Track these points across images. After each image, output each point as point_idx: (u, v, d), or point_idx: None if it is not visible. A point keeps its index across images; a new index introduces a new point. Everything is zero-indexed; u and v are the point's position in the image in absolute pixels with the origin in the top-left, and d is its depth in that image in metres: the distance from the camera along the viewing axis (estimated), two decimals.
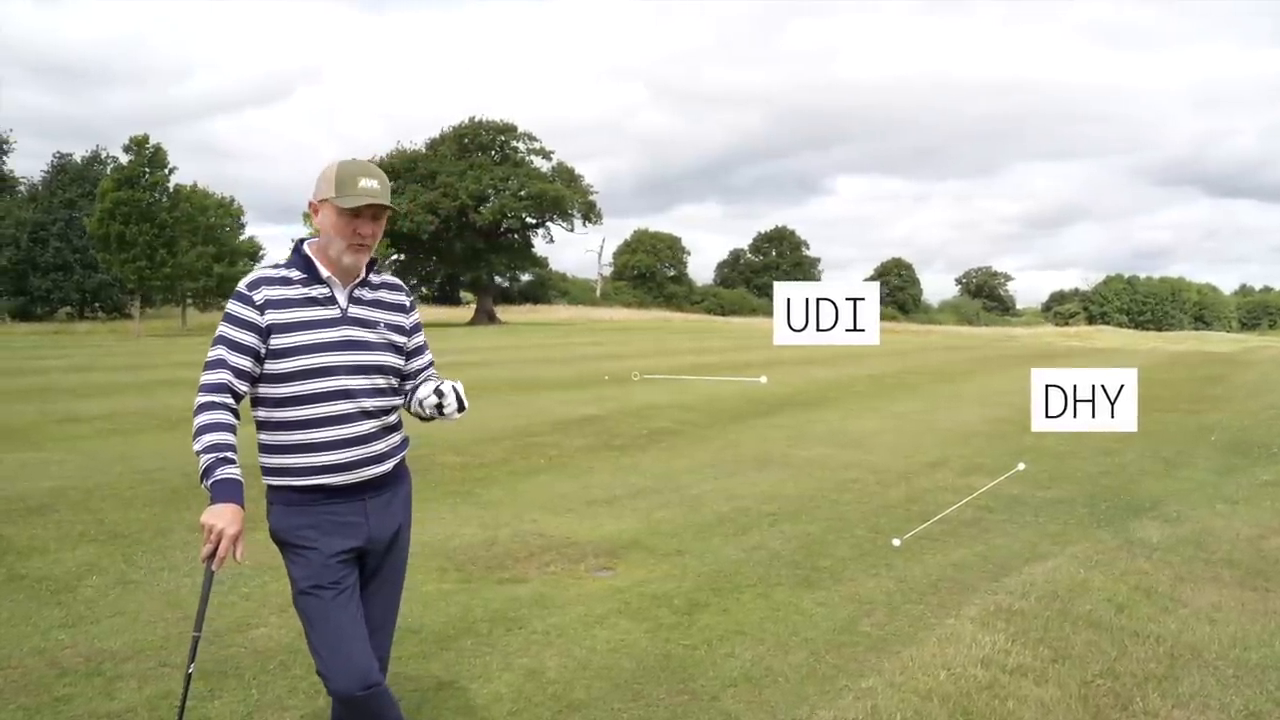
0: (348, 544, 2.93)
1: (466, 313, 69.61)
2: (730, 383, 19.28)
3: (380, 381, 2.99)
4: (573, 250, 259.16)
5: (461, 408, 3.08)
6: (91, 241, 44.16)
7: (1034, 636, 4.75)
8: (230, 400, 2.83)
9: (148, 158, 42.83)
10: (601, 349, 32.79)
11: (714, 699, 4.08)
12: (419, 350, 3.19)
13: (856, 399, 16.53)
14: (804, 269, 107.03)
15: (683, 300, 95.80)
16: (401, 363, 3.09)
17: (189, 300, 55.74)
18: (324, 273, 2.92)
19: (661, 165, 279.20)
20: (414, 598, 5.40)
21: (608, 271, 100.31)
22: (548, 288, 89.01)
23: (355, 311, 2.97)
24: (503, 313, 70.44)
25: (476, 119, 68.36)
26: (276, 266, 2.96)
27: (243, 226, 69.43)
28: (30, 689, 4.20)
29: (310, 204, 2.97)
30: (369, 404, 2.94)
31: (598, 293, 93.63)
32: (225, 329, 2.86)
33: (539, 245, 73.39)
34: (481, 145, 67.89)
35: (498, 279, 75.39)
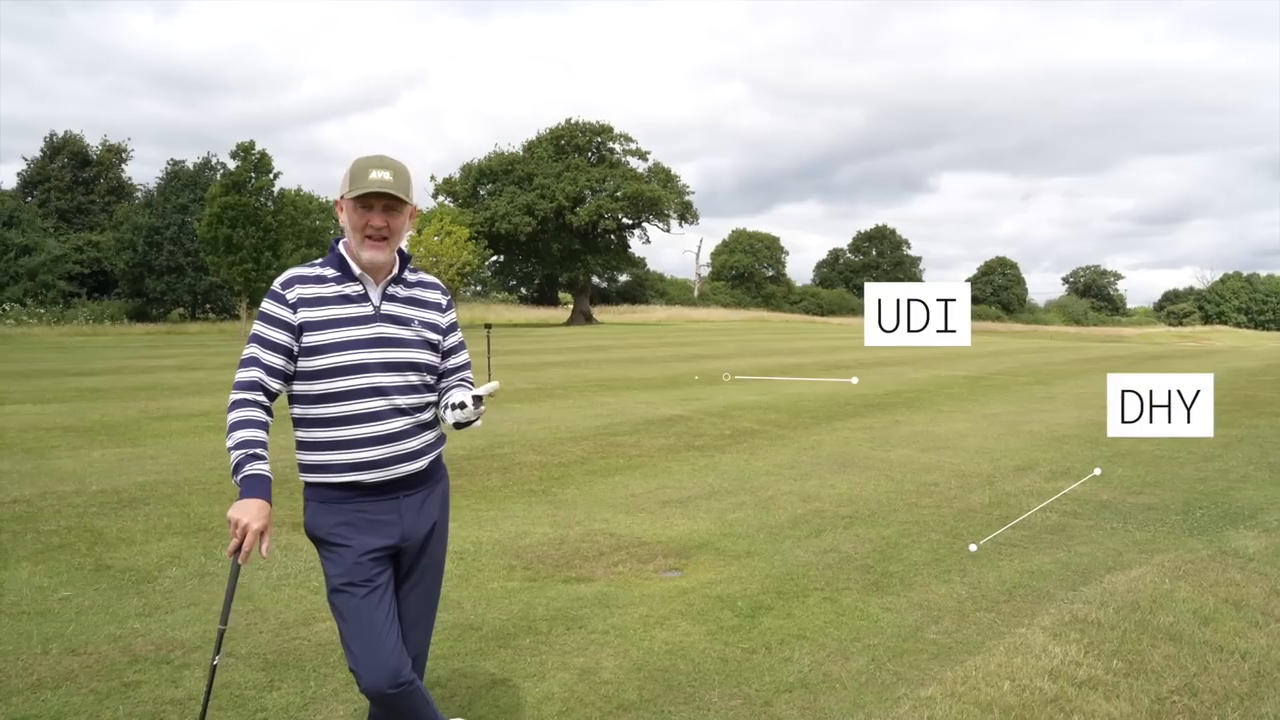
0: (381, 542, 2.95)
1: (564, 313, 70.23)
2: (820, 384, 19.05)
3: (414, 379, 2.99)
4: (671, 251, 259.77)
5: (478, 406, 2.95)
6: (201, 245, 45.79)
7: (1108, 649, 4.54)
8: (263, 398, 2.87)
9: (253, 163, 44.23)
10: (694, 349, 32.71)
11: (767, 704, 4.00)
12: (454, 350, 3.17)
13: (947, 400, 16.16)
14: (905, 268, 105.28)
15: (781, 300, 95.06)
16: (436, 360, 3.08)
17: None
18: (356, 270, 2.94)
19: (762, 164, 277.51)
20: (479, 595, 5.45)
21: (705, 272, 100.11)
22: (645, 288, 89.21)
23: (389, 309, 2.97)
24: (600, 313, 70.88)
25: (573, 120, 68.97)
26: (312, 265, 3.00)
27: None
28: (102, 674, 4.34)
29: (336, 203, 3.01)
30: (402, 401, 2.95)
31: (695, 293, 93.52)
32: (259, 327, 2.90)
33: (635, 246, 73.90)
34: (578, 146, 68.46)
35: (595, 279, 75.91)
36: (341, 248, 2.99)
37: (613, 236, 69.78)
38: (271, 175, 45.31)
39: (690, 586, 5.61)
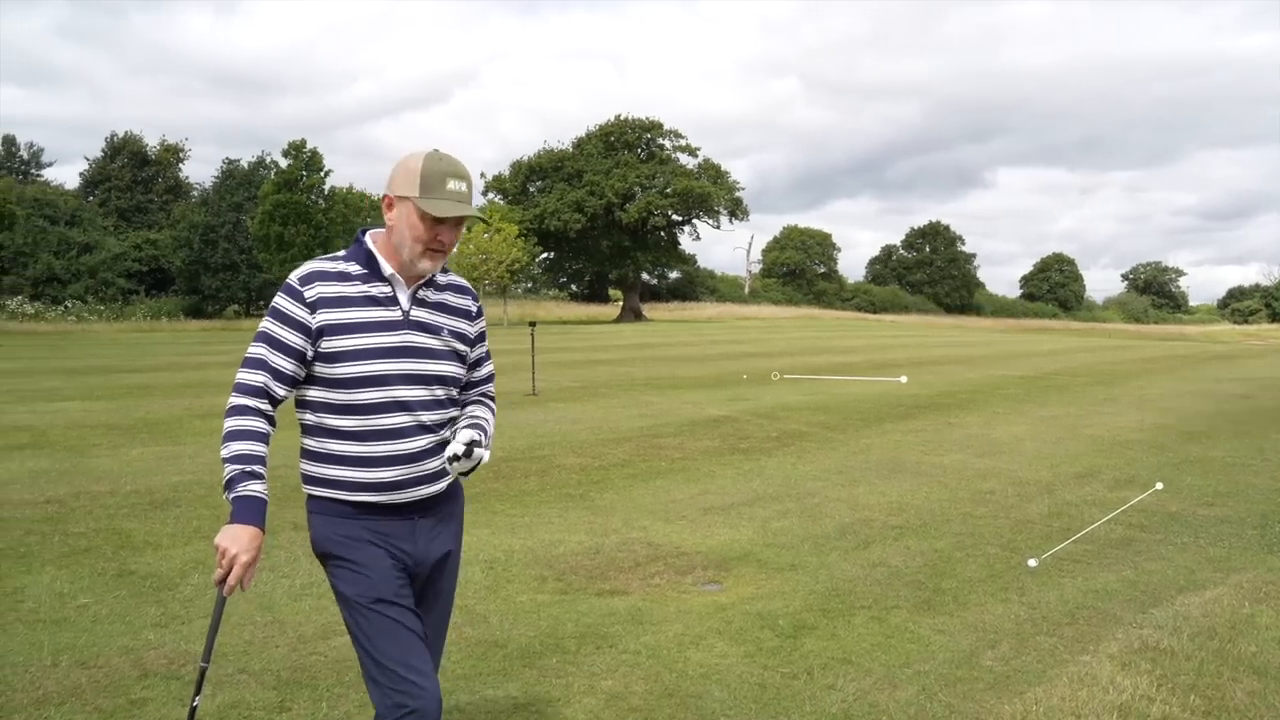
0: (400, 559, 2.67)
1: (614, 310, 70.10)
2: (869, 383, 18.62)
3: (440, 393, 2.71)
4: (722, 248, 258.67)
5: (470, 456, 2.65)
6: (254, 242, 46.26)
7: (1184, 682, 4.17)
8: (266, 405, 2.58)
9: (305, 161, 44.62)
10: (743, 347, 32.33)
11: None
12: (480, 361, 2.92)
13: (1002, 401, 15.66)
14: (959, 265, 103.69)
15: (833, 297, 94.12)
16: (463, 373, 2.81)
17: None
18: (387, 269, 2.63)
19: (815, 160, 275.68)
20: (507, 609, 5.20)
21: (756, 269, 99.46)
22: (696, 285, 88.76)
23: (418, 314, 2.67)
24: (650, 310, 70.66)
25: (622, 117, 68.78)
26: (334, 258, 2.67)
27: None
28: (110, 689, 4.15)
29: (385, 197, 2.65)
30: (426, 418, 2.67)
31: (746, 290, 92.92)
32: (270, 326, 2.58)
33: (685, 242, 73.55)
34: (627, 143, 68.30)
35: (645, 276, 75.70)
36: (370, 242, 2.66)
37: (662, 233, 69.53)
38: (322, 173, 45.71)
39: (729, 602, 5.32)
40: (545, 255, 70.46)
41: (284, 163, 45.08)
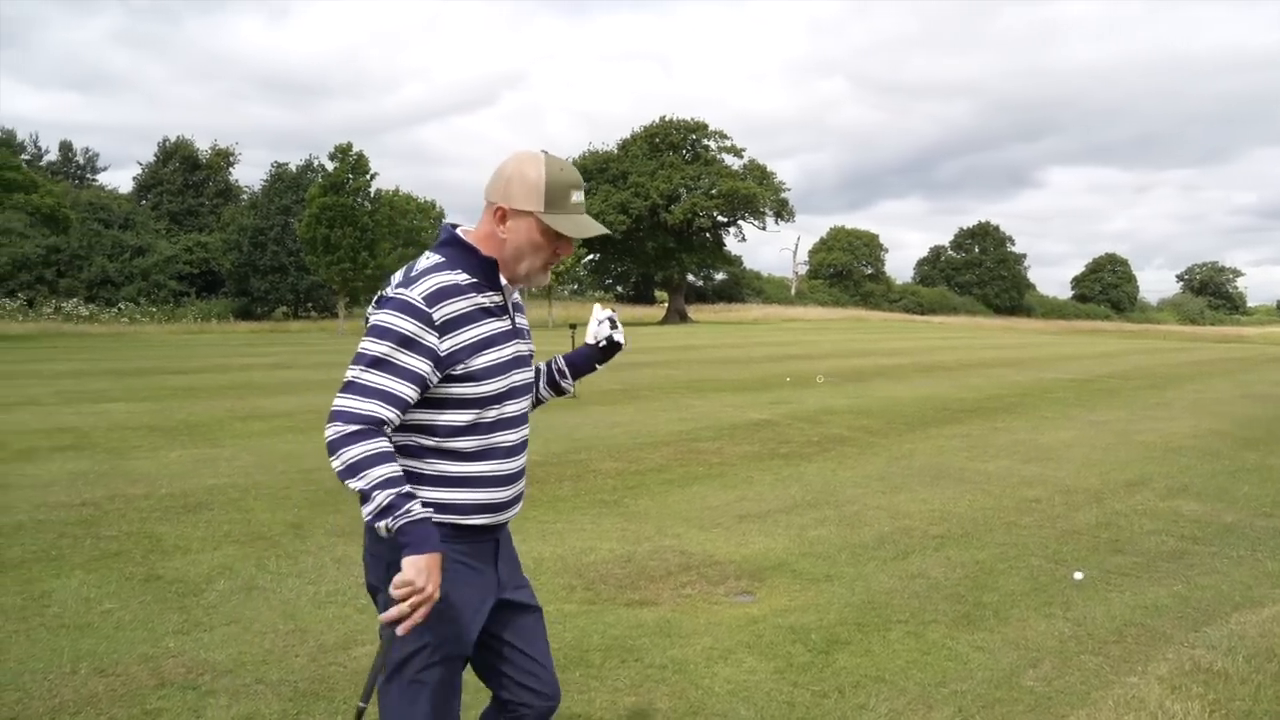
0: (486, 604, 2.52)
1: (660, 312, 69.97)
2: (906, 387, 18.29)
3: (528, 405, 2.60)
4: (769, 249, 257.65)
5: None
6: (301, 245, 46.73)
7: (1239, 708, 3.94)
8: (388, 435, 2.31)
9: (351, 164, 44.95)
10: (788, 349, 32.04)
11: None
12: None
13: (1051, 405, 15.30)
14: (1009, 265, 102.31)
15: (880, 299, 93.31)
16: None
17: None
18: (502, 279, 2.45)
19: (863, 160, 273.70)
20: None
21: (803, 270, 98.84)
22: (742, 286, 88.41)
23: (519, 321, 2.56)
24: (696, 312, 70.41)
25: (667, 118, 68.63)
26: (443, 269, 2.38)
27: None
28: (126, 699, 4.09)
29: (499, 209, 2.42)
30: (527, 432, 2.57)
31: (792, 291, 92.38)
32: (391, 350, 2.28)
33: (731, 244, 73.28)
34: (672, 144, 68.12)
35: (690, 278, 75.47)
36: (479, 245, 2.44)
37: (708, 234, 69.25)
38: (368, 176, 46.01)
39: (761, 614, 5.16)
40: (590, 257, 70.47)
41: (330, 166, 45.50)
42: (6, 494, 8.04)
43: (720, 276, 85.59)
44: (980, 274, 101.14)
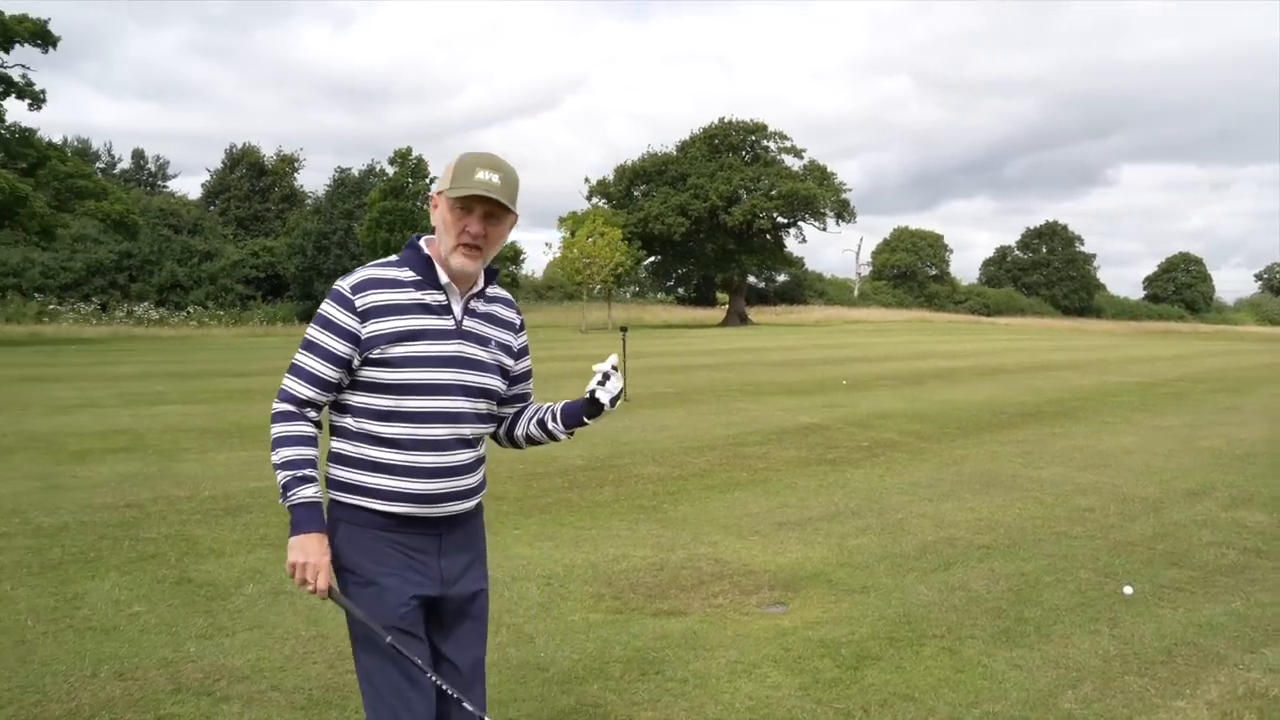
0: (420, 590, 2.59)
1: (720, 314, 69.70)
2: (965, 390, 17.88)
3: (483, 407, 2.66)
4: (832, 250, 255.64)
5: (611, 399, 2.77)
6: (363, 249, 47.32)
7: None
8: (313, 413, 2.55)
9: (410, 169, 45.44)
10: (848, 351, 31.67)
11: None
12: (524, 376, 2.86)
13: (1114, 410, 14.84)
14: (1077, 265, 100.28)
15: (945, 300, 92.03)
16: (504, 388, 2.75)
17: None
18: (443, 278, 2.56)
19: (928, 159, 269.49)
20: (556, 628, 4.98)
21: (866, 271, 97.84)
22: (804, 288, 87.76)
23: (469, 325, 2.62)
24: (756, 314, 70.03)
25: (726, 119, 68.36)
26: (387, 264, 2.60)
27: None
28: (141, 704, 4.07)
29: (431, 198, 2.64)
30: (469, 431, 2.62)
31: (855, 293, 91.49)
32: (317, 334, 2.51)
33: (792, 245, 72.66)
34: (731, 146, 67.83)
35: (751, 279, 75.08)
36: (426, 248, 2.61)
37: (768, 236, 68.79)
38: (428, 180, 46.45)
39: (791, 626, 5.00)
40: (651, 259, 70.44)
41: (390, 171, 46.04)
42: (56, 495, 8.15)
43: (782, 278, 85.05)
44: (1048, 274, 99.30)
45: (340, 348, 2.49)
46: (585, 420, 2.79)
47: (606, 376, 2.75)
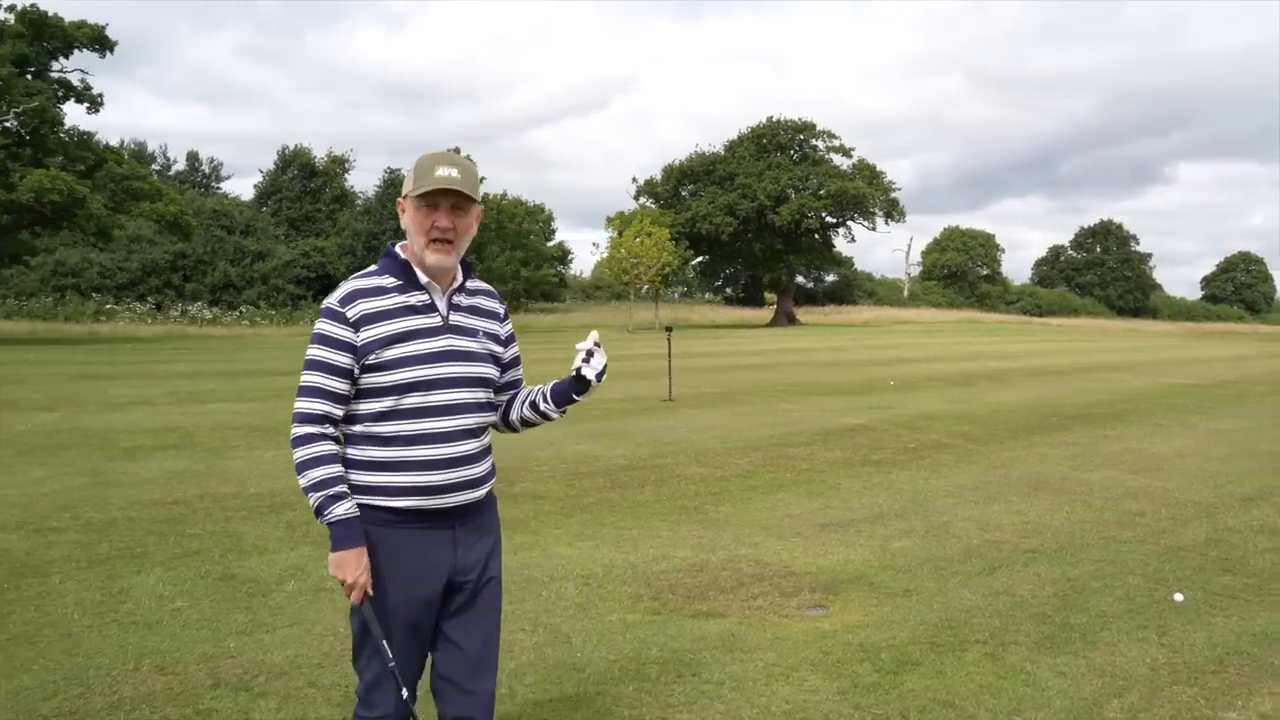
0: (429, 591, 2.73)
1: (768, 314, 69.43)
2: (1011, 391, 17.62)
3: (480, 395, 2.77)
4: (881, 250, 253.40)
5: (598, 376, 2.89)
6: None
7: None
8: (330, 429, 2.66)
9: None
10: (896, 352, 31.38)
11: None
12: (514, 363, 2.97)
13: (1167, 412, 14.54)
14: (1133, 265, 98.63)
15: (996, 300, 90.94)
16: (498, 375, 2.87)
17: None
18: (423, 278, 2.70)
19: (981, 158, 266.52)
20: (593, 629, 4.96)
21: (916, 271, 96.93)
22: (853, 288, 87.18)
23: (456, 319, 2.74)
24: (805, 314, 69.66)
25: (774, 118, 68.06)
26: (368, 274, 2.73)
27: (553, 232, 73.02)
28: (181, 698, 4.11)
29: (399, 203, 2.77)
30: (471, 421, 2.73)
31: (905, 293, 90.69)
32: (319, 352, 2.64)
33: (841, 245, 72.21)
34: (780, 145, 67.53)
35: (799, 279, 74.70)
36: (402, 253, 2.74)
37: (816, 235, 68.39)
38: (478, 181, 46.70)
39: (831, 630, 4.93)
40: (698, 259, 70.33)
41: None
42: (106, 491, 8.28)
43: (831, 278, 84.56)
44: (1102, 274, 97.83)
45: (341, 360, 2.62)
46: (575, 397, 2.89)
47: (590, 354, 2.84)
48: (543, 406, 2.92)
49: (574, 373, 2.85)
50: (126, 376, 20.53)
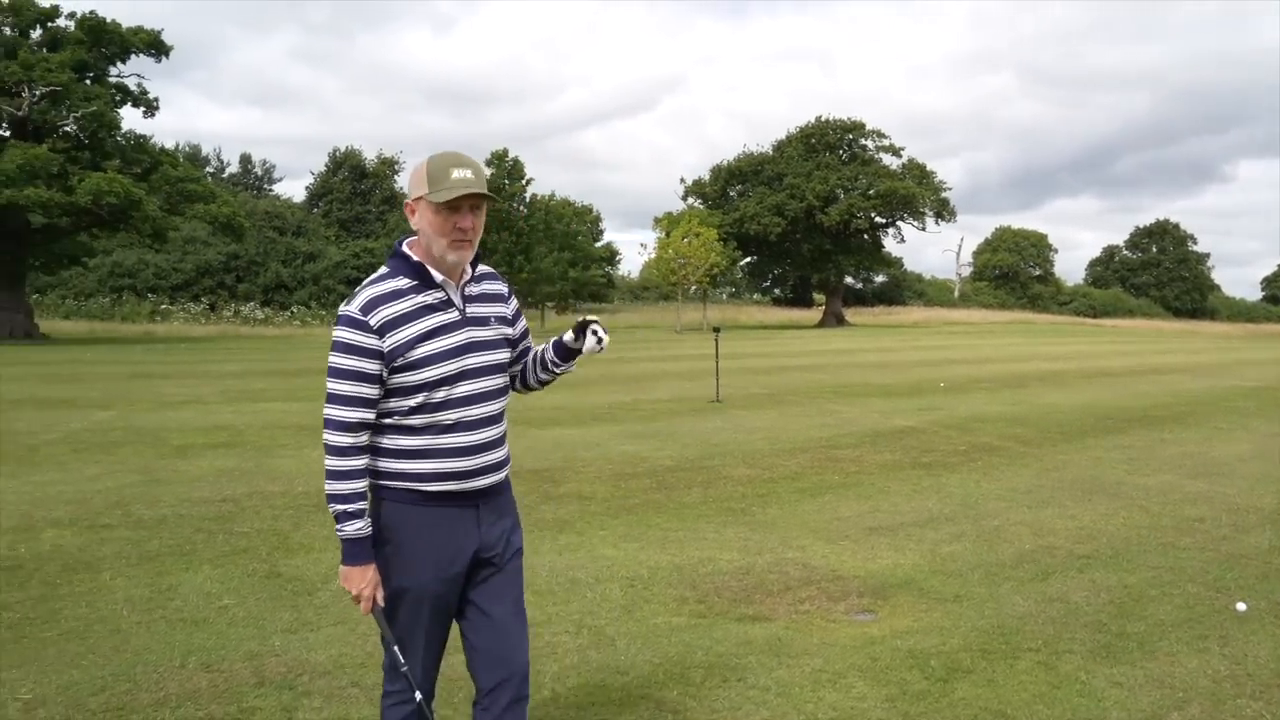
0: (460, 565, 2.81)
1: (816, 315, 69.04)
2: (1061, 393, 17.29)
3: (500, 382, 2.89)
4: (932, 250, 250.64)
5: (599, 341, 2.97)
6: None
7: None
8: (365, 439, 2.72)
9: (507, 170, 45.91)
10: (946, 353, 31.02)
11: None
12: (523, 336, 3.07)
13: (1227, 415, 14.18)
14: (1190, 265, 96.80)
15: (1049, 301, 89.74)
16: (510, 357, 2.96)
17: (548, 304, 59.26)
18: (437, 276, 2.74)
19: (1032, 157, 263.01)
20: (637, 631, 4.91)
21: (966, 271, 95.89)
22: (902, 289, 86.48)
23: (471, 311, 2.82)
24: (854, 315, 69.16)
25: (823, 118, 67.63)
26: (381, 279, 2.75)
27: (601, 233, 73.15)
28: (225, 696, 4.13)
29: (407, 205, 2.80)
30: (493, 407, 2.85)
31: (955, 294, 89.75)
32: (347, 360, 2.66)
33: (891, 245, 71.64)
34: (828, 145, 67.11)
35: (848, 280, 74.20)
36: (410, 251, 2.78)
37: (865, 236, 67.87)
38: (524, 181, 46.88)
39: (880, 635, 4.84)
40: (747, 260, 70.09)
41: (487, 172, 46.66)
42: (157, 489, 8.39)
43: (880, 279, 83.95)
44: (1158, 275, 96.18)
45: (371, 367, 2.65)
46: (571, 348, 2.97)
47: (600, 338, 2.95)
48: (552, 366, 3.03)
49: (575, 332, 2.96)
50: (180, 375, 20.86)
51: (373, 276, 2.78)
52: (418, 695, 2.78)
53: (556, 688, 4.19)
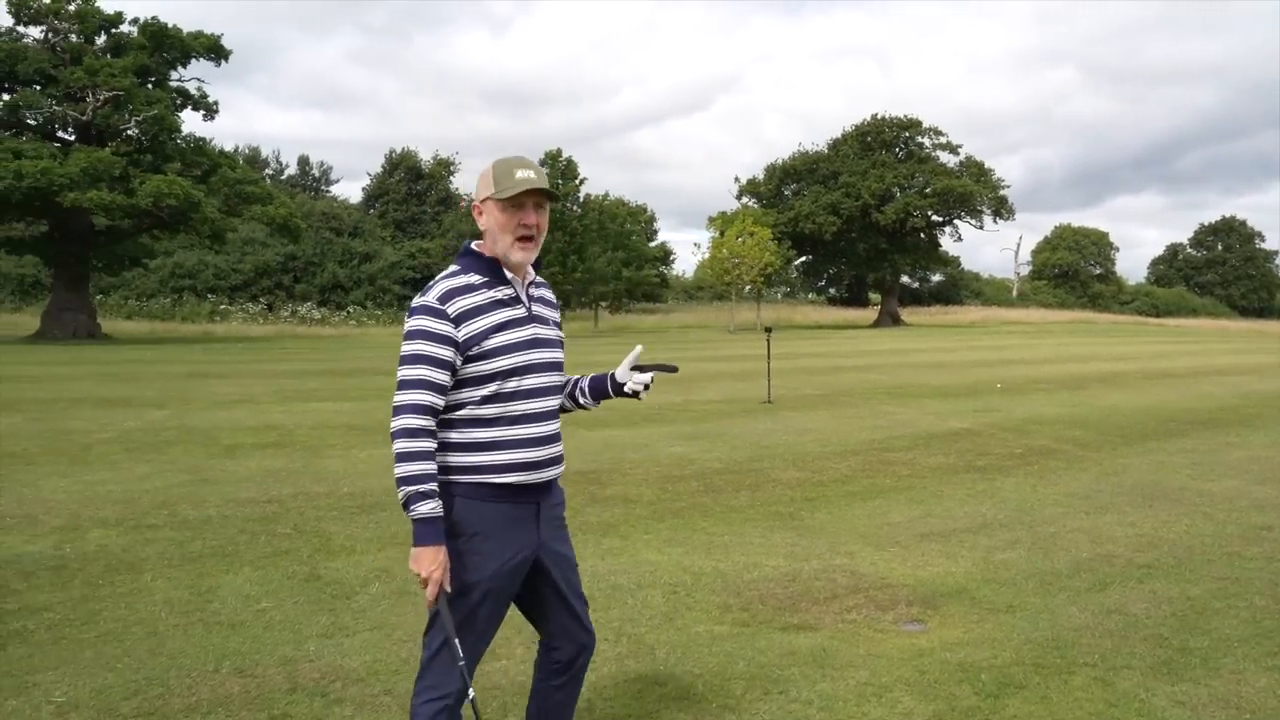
0: (522, 559, 2.91)
1: (872, 314, 68.40)
2: (1124, 394, 16.85)
3: (560, 379, 3.04)
4: (990, 249, 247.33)
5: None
6: None
7: None
8: (433, 423, 2.79)
9: (560, 170, 45.99)
10: (1003, 354, 30.48)
11: None
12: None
13: None
14: (1257, 264, 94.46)
15: (1110, 300, 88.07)
16: (564, 359, 3.12)
17: (602, 304, 59.32)
18: (507, 273, 2.89)
19: (1094, 153, 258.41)
20: (678, 640, 4.79)
21: (1025, 270, 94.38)
22: (960, 288, 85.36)
23: (536, 310, 2.96)
24: (910, 314, 68.38)
25: (879, 116, 66.93)
26: (454, 274, 2.87)
27: (655, 233, 73.10)
28: (257, 702, 4.07)
29: (474, 207, 2.94)
30: (555, 402, 2.98)
31: (1014, 293, 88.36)
32: (424, 346, 2.76)
33: (948, 244, 70.82)
34: (884, 143, 66.43)
35: (904, 279, 73.42)
36: (481, 250, 2.92)
37: (921, 235, 67.07)
38: (577, 181, 46.93)
39: (929, 647, 4.67)
40: (801, 259, 69.60)
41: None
42: (204, 488, 8.43)
43: (937, 278, 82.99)
44: (1224, 273, 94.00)
45: (446, 353, 2.75)
46: (610, 394, 3.16)
47: (646, 383, 3.15)
48: (581, 400, 3.19)
49: (617, 377, 3.14)
50: (235, 375, 21.11)
51: (445, 272, 2.89)
52: (471, 691, 2.79)
53: (591, 697, 4.08)
